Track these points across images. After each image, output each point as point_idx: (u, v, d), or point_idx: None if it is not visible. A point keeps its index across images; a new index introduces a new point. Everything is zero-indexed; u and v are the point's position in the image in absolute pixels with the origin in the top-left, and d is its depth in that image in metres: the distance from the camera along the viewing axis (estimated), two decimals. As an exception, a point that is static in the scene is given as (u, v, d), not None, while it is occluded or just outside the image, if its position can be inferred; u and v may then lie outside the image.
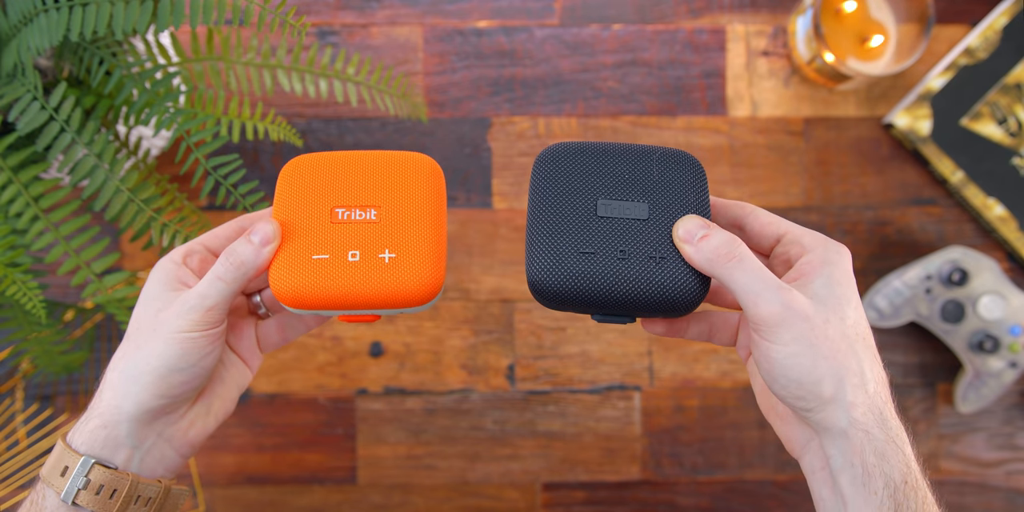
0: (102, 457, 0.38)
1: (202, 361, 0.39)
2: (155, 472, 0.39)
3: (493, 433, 0.71)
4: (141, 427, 0.38)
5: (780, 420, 0.40)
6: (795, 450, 0.39)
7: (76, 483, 0.37)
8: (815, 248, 0.38)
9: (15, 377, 0.65)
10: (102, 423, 0.38)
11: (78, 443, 0.38)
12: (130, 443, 0.38)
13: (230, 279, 0.39)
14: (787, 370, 0.35)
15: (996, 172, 0.69)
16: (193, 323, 0.38)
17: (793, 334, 0.35)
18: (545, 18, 0.70)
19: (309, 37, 0.70)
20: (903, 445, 0.36)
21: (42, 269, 0.67)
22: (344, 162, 0.42)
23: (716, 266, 0.37)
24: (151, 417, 0.38)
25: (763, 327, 0.36)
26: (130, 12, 0.45)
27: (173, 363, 0.38)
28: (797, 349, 0.35)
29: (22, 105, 0.49)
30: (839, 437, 0.35)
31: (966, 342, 0.68)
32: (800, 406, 0.36)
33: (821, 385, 0.35)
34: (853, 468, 0.35)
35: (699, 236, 0.38)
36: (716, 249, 0.37)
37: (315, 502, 0.70)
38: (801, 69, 0.70)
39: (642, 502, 0.71)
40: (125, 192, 0.50)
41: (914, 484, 0.35)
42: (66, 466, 0.37)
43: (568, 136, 0.70)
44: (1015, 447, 0.72)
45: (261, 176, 0.70)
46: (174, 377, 0.38)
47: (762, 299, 0.35)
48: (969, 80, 0.69)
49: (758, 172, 0.71)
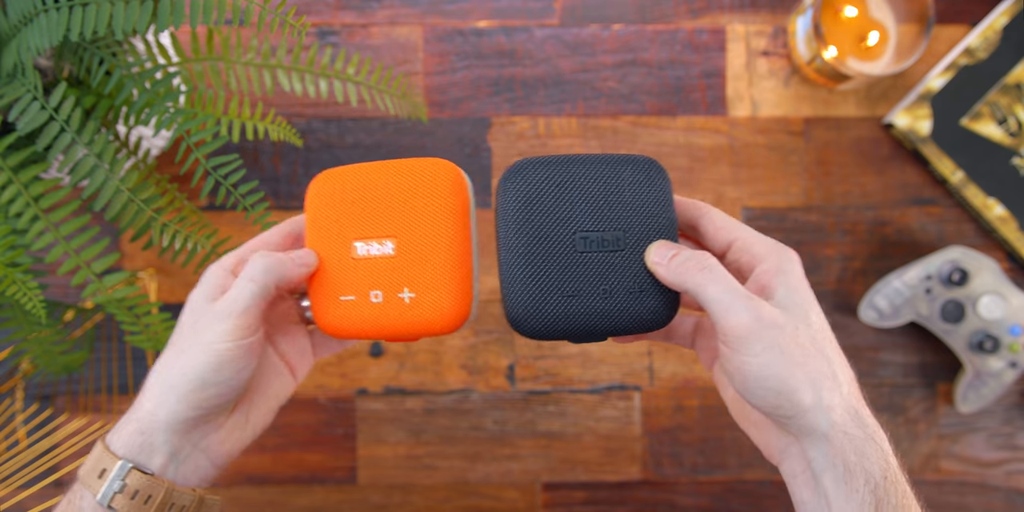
0: (139, 462, 0.38)
1: (238, 375, 0.38)
2: (189, 481, 0.39)
3: (493, 433, 0.71)
4: (177, 437, 0.38)
5: (755, 428, 0.40)
6: (774, 456, 0.39)
7: (113, 486, 0.37)
8: (767, 257, 0.39)
9: (15, 377, 0.65)
10: (139, 429, 0.38)
11: (116, 446, 0.38)
12: (166, 451, 0.38)
13: (260, 280, 0.38)
14: (763, 381, 0.36)
15: (996, 172, 0.69)
16: (226, 332, 0.38)
17: (765, 344, 0.35)
18: (545, 18, 0.70)
19: (309, 37, 0.70)
20: (881, 441, 0.37)
21: (42, 269, 0.67)
22: (363, 181, 0.42)
23: (687, 277, 0.37)
24: (186, 428, 0.38)
25: (734, 339, 0.36)
26: (130, 12, 0.45)
27: (208, 376, 0.37)
28: (770, 359, 0.35)
29: (22, 105, 0.49)
30: (820, 440, 0.36)
31: (966, 342, 0.68)
32: (779, 414, 0.36)
33: (799, 393, 0.35)
34: (835, 468, 0.36)
35: (669, 256, 0.38)
36: (686, 262, 0.38)
37: (315, 502, 0.70)
38: (801, 69, 0.70)
39: (642, 502, 0.71)
40: (125, 192, 0.50)
41: (894, 479, 0.36)
42: (104, 469, 0.37)
43: (568, 136, 0.70)
44: (1015, 447, 0.72)
45: (261, 176, 0.70)
46: (208, 390, 0.38)
47: (733, 310, 0.36)
48: (969, 80, 0.69)
49: (758, 172, 0.71)
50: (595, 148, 0.70)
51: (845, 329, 0.71)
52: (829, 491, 0.36)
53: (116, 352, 0.69)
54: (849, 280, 0.71)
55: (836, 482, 0.36)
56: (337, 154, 0.70)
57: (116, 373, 0.70)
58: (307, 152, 0.70)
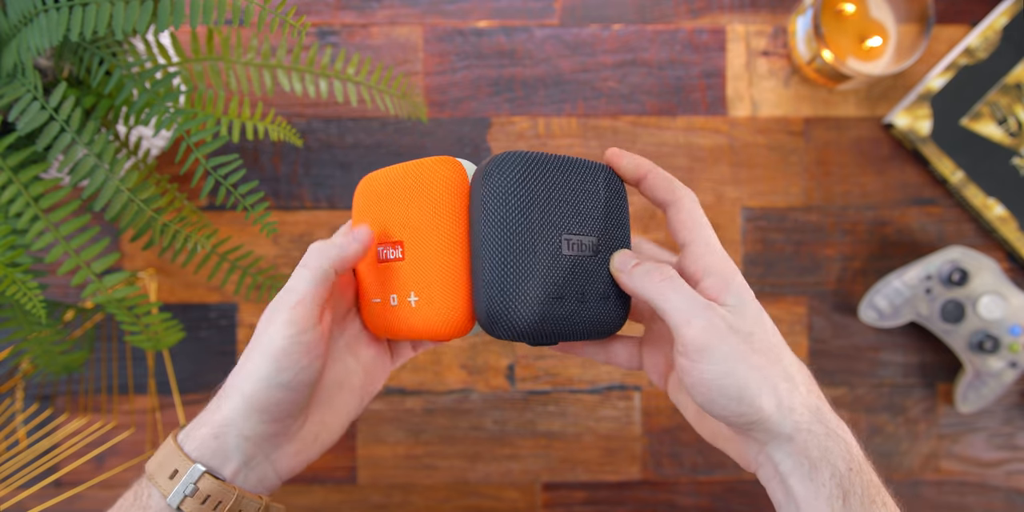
0: (212, 466, 0.38)
1: (299, 375, 0.37)
2: (255, 490, 0.39)
3: (493, 433, 0.71)
4: (250, 444, 0.38)
5: (727, 441, 0.41)
6: (750, 465, 0.39)
7: (184, 489, 0.37)
8: (713, 271, 0.39)
9: (15, 377, 0.65)
10: (213, 433, 0.38)
11: (190, 448, 0.38)
12: (239, 458, 0.38)
13: (314, 264, 0.38)
14: (724, 390, 0.36)
15: (996, 172, 0.69)
16: (283, 325, 0.37)
17: (724, 352, 0.36)
18: (545, 18, 0.70)
19: (309, 37, 0.70)
20: (844, 434, 0.37)
21: (42, 269, 0.67)
22: (385, 184, 0.42)
23: (649, 285, 0.37)
24: (259, 436, 0.38)
25: (694, 350, 0.36)
26: (130, 12, 0.45)
27: (271, 377, 0.37)
28: (729, 367, 0.36)
29: (22, 105, 0.49)
30: (785, 442, 0.36)
31: (966, 342, 0.68)
32: (743, 423, 0.37)
33: (760, 399, 0.36)
34: (801, 467, 0.36)
35: (631, 264, 0.39)
36: (649, 272, 0.38)
37: (315, 502, 0.70)
38: (801, 69, 0.70)
39: (642, 502, 0.71)
40: (125, 192, 0.50)
41: (858, 469, 0.36)
42: (176, 469, 0.37)
43: (568, 136, 0.70)
44: (1015, 447, 0.72)
45: (261, 176, 0.70)
46: (273, 393, 0.37)
47: (693, 318, 0.36)
48: (969, 80, 0.69)
49: (758, 172, 0.71)
50: (595, 148, 0.70)
51: (845, 329, 0.71)
52: (796, 490, 0.36)
53: (116, 352, 0.69)
54: (849, 280, 0.71)
55: (802, 480, 0.36)
56: (337, 154, 0.70)
57: (116, 373, 0.70)
58: (307, 152, 0.70)
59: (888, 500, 0.37)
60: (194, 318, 0.70)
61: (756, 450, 0.38)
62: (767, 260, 0.71)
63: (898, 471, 0.71)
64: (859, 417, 0.71)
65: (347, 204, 0.70)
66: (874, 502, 0.36)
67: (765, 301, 0.71)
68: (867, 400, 0.71)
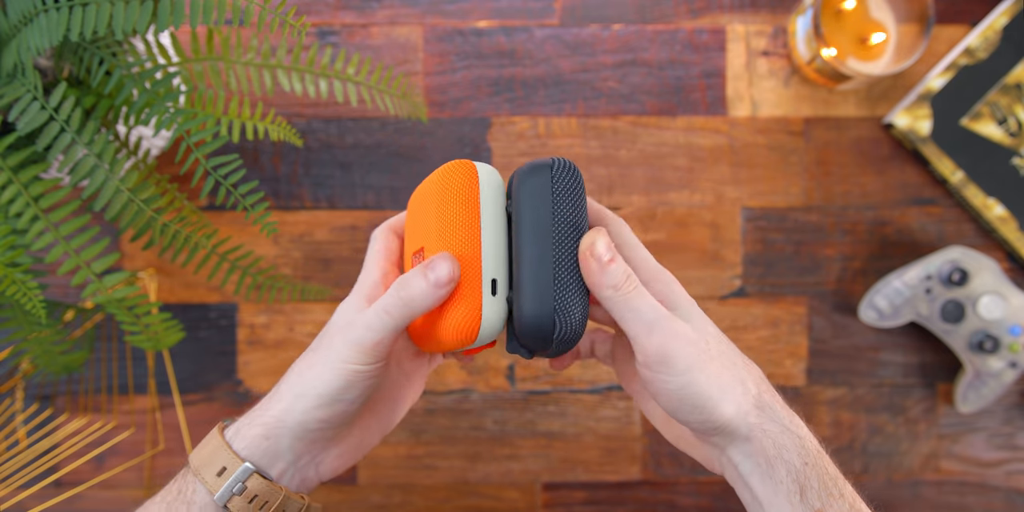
0: (261, 466, 0.38)
1: (362, 394, 0.38)
2: (297, 490, 0.40)
3: (493, 433, 0.71)
4: (301, 445, 0.38)
5: (690, 446, 0.41)
6: (716, 468, 0.40)
7: (232, 488, 0.37)
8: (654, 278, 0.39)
9: (15, 377, 0.65)
10: (264, 433, 0.38)
11: (240, 447, 0.38)
12: (288, 458, 0.38)
13: (397, 315, 0.38)
14: (689, 399, 0.36)
15: (996, 172, 0.69)
16: (356, 355, 0.37)
17: (686, 363, 0.36)
18: (545, 18, 0.70)
19: (309, 37, 0.70)
20: (796, 429, 0.38)
21: (42, 269, 0.67)
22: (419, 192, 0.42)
23: (618, 292, 0.37)
24: (311, 438, 0.39)
25: (655, 361, 0.36)
26: (130, 12, 0.45)
27: (335, 394, 0.38)
28: (691, 378, 0.36)
29: (22, 105, 0.49)
30: (742, 443, 0.37)
31: (966, 342, 0.68)
32: (706, 429, 0.37)
33: (721, 405, 0.36)
34: (759, 466, 0.37)
35: (607, 259, 0.37)
36: (619, 276, 0.37)
37: (315, 502, 0.70)
38: (801, 69, 0.70)
39: (642, 502, 0.71)
40: (125, 192, 0.50)
41: (813, 463, 0.37)
42: (224, 467, 0.37)
43: (568, 136, 0.70)
44: (1015, 447, 0.72)
45: (261, 176, 0.70)
46: (335, 407, 0.38)
47: (656, 329, 0.36)
48: (969, 80, 0.69)
49: (758, 172, 0.71)
50: (595, 148, 0.70)
51: (845, 329, 0.71)
52: (757, 490, 0.37)
53: (116, 352, 0.69)
54: (849, 280, 0.71)
55: (762, 479, 0.37)
56: (337, 154, 0.70)
57: (116, 373, 0.70)
58: (307, 152, 0.70)
59: (846, 489, 0.37)
60: (194, 318, 0.70)
61: (718, 453, 0.39)
62: (767, 260, 0.71)
63: (898, 471, 0.71)
64: (859, 417, 0.71)
65: (347, 204, 0.70)
66: (831, 494, 0.36)
67: (765, 301, 0.71)
68: (867, 400, 0.71)
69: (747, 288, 0.71)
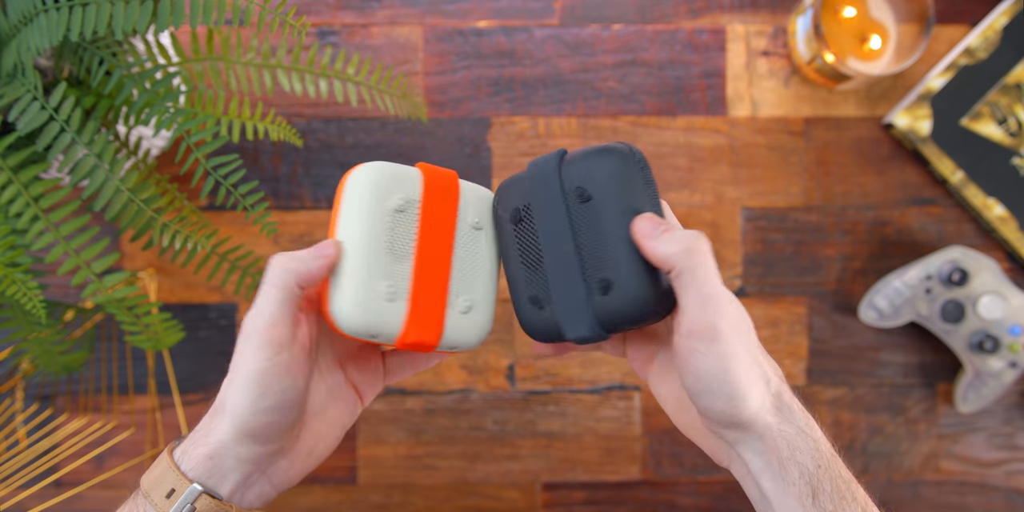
0: (209, 486, 0.37)
1: (283, 396, 0.37)
2: (252, 505, 0.39)
3: (493, 433, 0.71)
4: (246, 465, 0.38)
5: (701, 435, 0.40)
6: (723, 460, 0.40)
7: (181, 509, 0.37)
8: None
9: (15, 377, 0.65)
10: (208, 453, 0.37)
11: (187, 467, 0.37)
12: (235, 478, 0.38)
13: (280, 284, 0.37)
14: (719, 385, 0.35)
15: (996, 172, 0.69)
16: (256, 350, 0.36)
17: (729, 347, 0.35)
18: (545, 18, 0.70)
19: (309, 37, 0.70)
20: (811, 430, 0.37)
21: (42, 269, 0.67)
22: None
23: (687, 257, 0.35)
24: (254, 454, 0.38)
25: (700, 336, 0.35)
26: (130, 12, 0.45)
27: (256, 404, 0.36)
28: (728, 365, 0.35)
29: (22, 105, 0.49)
30: (756, 441, 0.37)
31: (966, 342, 0.68)
32: (725, 420, 0.36)
33: (747, 400, 0.36)
34: (771, 466, 0.36)
35: (662, 229, 0.37)
36: (684, 239, 0.36)
37: (315, 502, 0.70)
38: (801, 69, 0.70)
39: (642, 502, 0.71)
40: (125, 192, 0.50)
41: (826, 466, 0.36)
42: (173, 489, 0.37)
43: (568, 136, 0.70)
44: (1015, 447, 0.72)
45: (261, 176, 0.70)
46: (260, 417, 0.37)
47: (711, 304, 0.35)
48: (969, 80, 0.69)
49: (758, 172, 0.71)
50: (595, 148, 0.70)
51: (845, 329, 0.71)
52: (767, 488, 0.37)
53: (116, 352, 0.69)
54: (849, 280, 0.71)
55: (773, 478, 0.36)
56: (337, 154, 0.70)
57: (116, 373, 0.70)
58: (307, 152, 0.70)
59: (859, 493, 0.37)
60: (194, 318, 0.70)
61: (727, 447, 0.39)
62: (767, 260, 0.71)
63: (898, 471, 0.71)
64: (859, 417, 0.71)
65: (347, 204, 0.70)
66: (844, 497, 0.36)
67: (765, 301, 0.71)
68: (867, 400, 0.71)
69: (747, 288, 0.71)
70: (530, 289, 0.40)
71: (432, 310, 0.39)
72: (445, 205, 0.40)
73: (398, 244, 0.39)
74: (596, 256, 0.38)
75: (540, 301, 0.40)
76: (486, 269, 0.41)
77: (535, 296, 0.40)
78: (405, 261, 0.39)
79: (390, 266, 0.38)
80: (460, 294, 0.40)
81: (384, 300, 0.38)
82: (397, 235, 0.39)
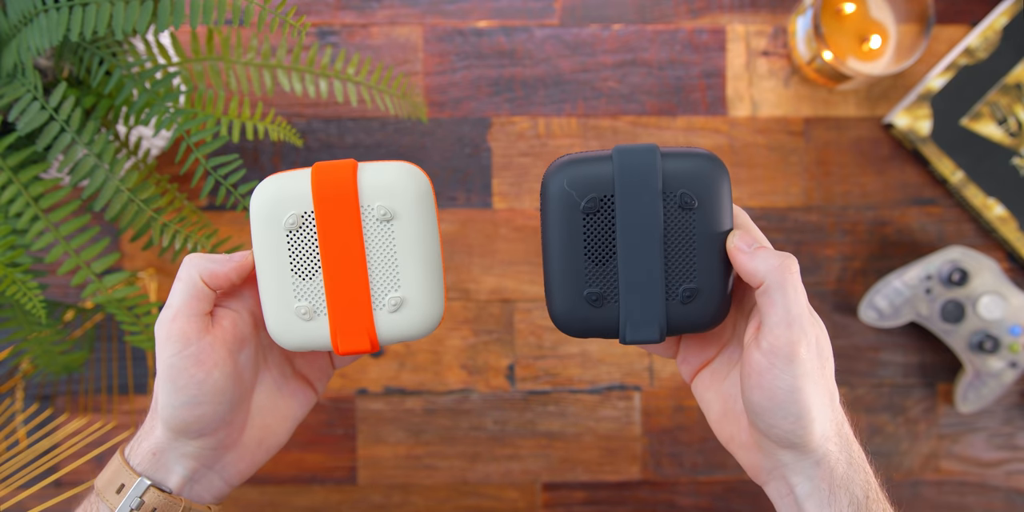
0: (157, 479, 0.38)
1: (201, 388, 0.37)
2: (203, 499, 0.39)
3: (493, 433, 0.71)
4: (189, 461, 0.38)
5: (743, 449, 0.40)
6: (760, 476, 0.39)
7: (130, 503, 0.37)
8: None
9: (15, 377, 0.65)
10: (151, 448, 0.38)
11: (135, 462, 0.38)
12: (180, 472, 0.38)
13: (184, 277, 0.37)
14: (789, 405, 0.35)
15: (996, 172, 0.69)
16: (165, 343, 0.37)
17: (806, 369, 0.35)
18: (545, 18, 0.70)
19: (309, 37, 0.70)
20: (863, 462, 0.37)
21: (42, 269, 0.67)
22: None
23: (779, 273, 0.35)
24: (195, 453, 0.38)
25: (779, 354, 0.35)
26: (130, 12, 0.45)
27: (174, 399, 0.37)
28: (800, 385, 0.35)
29: (22, 105, 0.49)
30: (810, 466, 0.36)
31: (966, 342, 0.68)
32: (785, 440, 0.36)
33: (813, 424, 0.35)
34: (820, 492, 0.36)
35: (756, 245, 0.37)
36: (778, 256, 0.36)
37: (315, 502, 0.70)
38: (801, 69, 0.70)
39: (642, 502, 0.71)
40: (125, 192, 0.50)
41: (875, 497, 0.37)
42: (122, 484, 0.37)
43: (568, 136, 0.70)
44: (1015, 447, 0.72)
45: (261, 176, 0.70)
46: (182, 413, 0.37)
47: (796, 325, 0.35)
48: (969, 80, 0.69)
49: (758, 172, 0.71)
50: (595, 148, 0.70)
51: (845, 329, 0.71)
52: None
53: (116, 352, 0.69)
54: (849, 280, 0.71)
55: (820, 505, 0.36)
56: (337, 154, 0.70)
57: (116, 373, 0.70)
58: (307, 152, 0.70)
59: None
60: (194, 318, 0.70)
61: (772, 466, 0.38)
62: (767, 260, 0.71)
63: (898, 471, 0.71)
64: (859, 417, 0.71)
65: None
66: None
67: (765, 301, 0.71)
68: (867, 400, 0.71)
69: (747, 288, 0.71)
70: (590, 284, 0.38)
71: (356, 318, 0.39)
72: (343, 207, 0.38)
73: (302, 263, 0.38)
74: (684, 263, 0.38)
75: (602, 298, 0.38)
76: (411, 258, 0.39)
77: (596, 293, 0.38)
78: (314, 277, 0.38)
79: (300, 286, 0.38)
80: (387, 292, 0.39)
81: (303, 320, 0.38)
82: (298, 254, 0.38)
